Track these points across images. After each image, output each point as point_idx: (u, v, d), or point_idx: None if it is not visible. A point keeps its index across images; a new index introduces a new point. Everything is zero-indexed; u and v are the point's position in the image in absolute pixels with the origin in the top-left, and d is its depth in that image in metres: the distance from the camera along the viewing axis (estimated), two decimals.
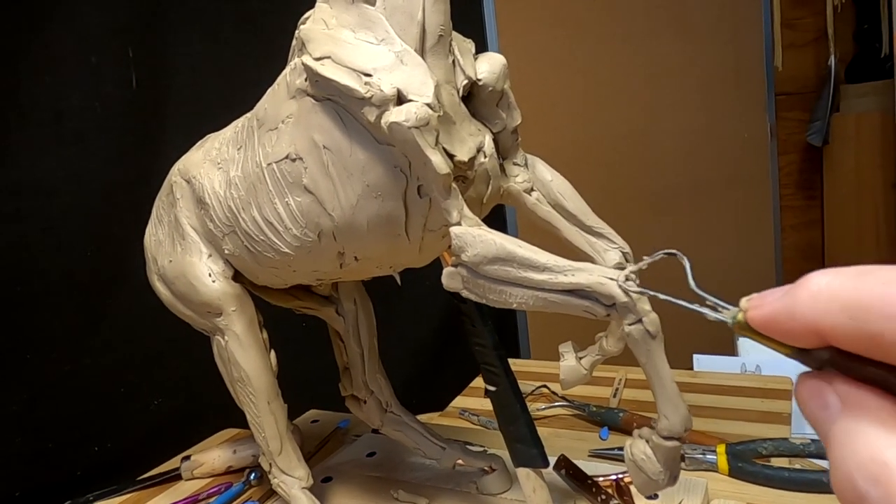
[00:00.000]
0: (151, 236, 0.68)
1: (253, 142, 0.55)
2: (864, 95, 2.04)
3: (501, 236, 0.45)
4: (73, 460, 1.02)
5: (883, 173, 1.98)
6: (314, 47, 0.48)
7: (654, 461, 0.44)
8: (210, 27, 1.19)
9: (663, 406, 0.43)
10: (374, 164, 0.47)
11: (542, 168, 0.58)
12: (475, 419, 0.94)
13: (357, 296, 0.72)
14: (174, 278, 0.64)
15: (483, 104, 0.53)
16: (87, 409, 1.04)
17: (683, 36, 1.90)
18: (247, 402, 0.64)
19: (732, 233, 2.00)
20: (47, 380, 1.00)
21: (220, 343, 0.63)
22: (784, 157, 2.16)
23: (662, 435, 0.43)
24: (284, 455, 0.65)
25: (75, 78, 1.03)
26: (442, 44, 0.48)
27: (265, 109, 0.55)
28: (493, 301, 0.46)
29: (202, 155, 0.63)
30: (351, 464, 0.78)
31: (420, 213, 0.49)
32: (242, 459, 0.80)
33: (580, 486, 0.66)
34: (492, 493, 0.68)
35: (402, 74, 0.46)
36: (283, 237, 0.54)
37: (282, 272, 0.59)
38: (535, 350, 1.80)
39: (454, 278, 0.47)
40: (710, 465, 0.70)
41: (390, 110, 0.45)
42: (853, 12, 2.11)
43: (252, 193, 0.55)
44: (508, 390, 0.58)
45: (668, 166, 1.92)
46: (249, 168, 0.55)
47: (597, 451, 0.78)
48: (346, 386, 0.73)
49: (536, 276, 0.43)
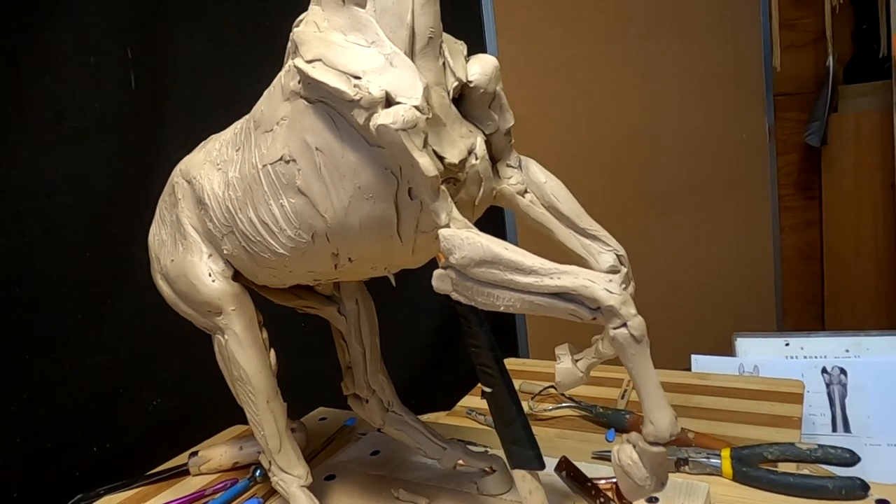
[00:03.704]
0: (155, 236, 0.69)
1: (250, 143, 0.56)
2: (862, 96, 2.04)
3: (489, 238, 0.45)
4: (73, 460, 1.02)
5: (882, 173, 1.98)
6: (306, 50, 0.49)
7: (640, 467, 0.43)
8: (210, 27, 1.19)
9: (649, 411, 0.42)
10: (365, 166, 0.48)
11: (536, 170, 0.58)
12: (482, 419, 0.94)
13: (359, 295, 0.73)
14: (176, 277, 0.64)
15: (475, 106, 0.53)
16: (87, 409, 1.04)
17: (683, 36, 1.90)
18: (246, 400, 0.64)
19: (731, 233, 2.01)
20: (47, 380, 1.00)
21: (220, 342, 0.64)
22: (783, 158, 2.16)
23: (648, 440, 0.43)
24: (283, 453, 0.66)
25: (75, 78, 1.03)
26: (432, 46, 0.49)
27: (261, 111, 0.55)
28: (482, 304, 0.46)
29: (203, 156, 0.63)
30: (354, 462, 0.78)
31: (412, 214, 0.49)
32: (248, 456, 0.81)
33: (580, 489, 0.66)
34: (492, 494, 0.68)
35: (391, 77, 0.46)
36: (279, 238, 0.55)
37: (279, 272, 0.59)
38: (534, 350, 1.80)
39: (444, 280, 0.48)
40: (714, 469, 0.70)
41: (378, 113, 0.45)
42: (851, 13, 2.11)
43: (249, 194, 0.56)
44: (504, 392, 0.58)
45: (666, 167, 1.92)
46: (246, 169, 0.56)
47: (600, 452, 0.77)
48: (349, 385, 0.74)
49: (522, 278, 0.43)
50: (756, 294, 2.05)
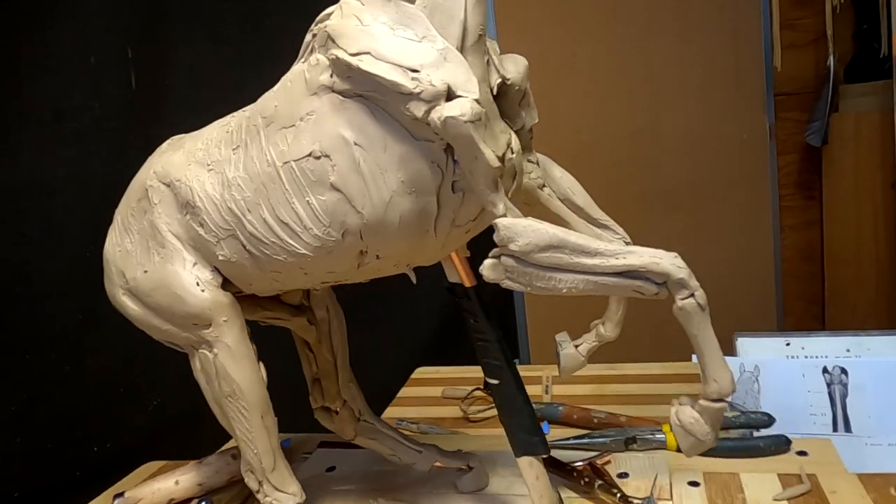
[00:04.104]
0: (116, 247, 0.63)
1: (258, 141, 0.54)
2: (863, 95, 2.04)
3: (549, 225, 0.47)
4: (73, 460, 1.02)
5: (882, 173, 1.98)
6: (348, 43, 0.48)
7: (702, 423, 0.48)
8: (210, 27, 1.19)
9: (713, 371, 0.47)
10: (410, 159, 0.48)
11: (551, 165, 0.61)
12: (414, 427, 0.92)
13: (329, 303, 0.70)
14: (151, 290, 0.60)
15: (508, 103, 0.54)
16: (87, 409, 1.04)
17: (683, 36, 1.90)
18: (238, 417, 0.60)
19: (731, 233, 2.00)
20: (47, 380, 1.00)
21: (205, 357, 0.60)
22: (783, 158, 2.16)
23: (712, 398, 0.47)
24: (277, 471, 0.62)
25: (75, 78, 1.03)
26: (480, 43, 0.49)
27: (275, 107, 0.53)
28: (540, 289, 0.47)
29: (184, 157, 0.60)
30: (315, 481, 0.74)
31: (451, 208, 0.50)
32: (187, 490, 0.74)
33: (562, 473, 0.68)
34: (471, 491, 0.68)
35: (447, 71, 0.46)
36: (301, 238, 0.53)
37: (285, 276, 0.57)
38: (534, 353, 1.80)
39: (496, 269, 0.48)
40: (659, 444, 0.77)
41: (442, 105, 0.45)
42: (852, 13, 2.11)
43: (262, 194, 0.53)
44: (511, 382, 0.59)
45: (667, 166, 1.92)
46: (257, 168, 0.54)
47: (554, 442, 0.79)
48: (317, 398, 0.71)
49: (589, 260, 0.45)
50: (756, 294, 2.04)
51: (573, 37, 1.80)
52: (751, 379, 1.07)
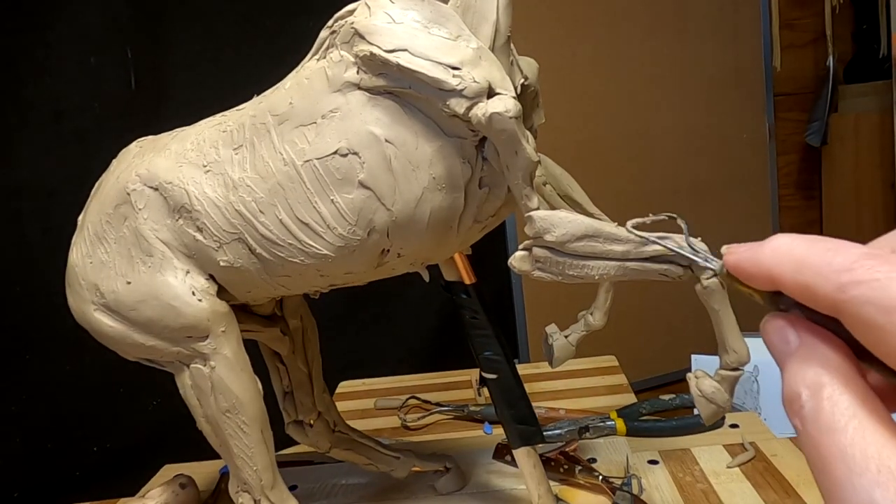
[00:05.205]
0: (86, 258, 0.59)
1: (269, 140, 0.52)
2: (862, 96, 2.04)
3: (583, 216, 0.49)
4: (73, 460, 1.02)
5: (881, 173, 1.98)
6: (382, 40, 0.48)
7: (722, 392, 0.51)
8: (210, 27, 1.19)
9: (733, 342, 0.50)
10: (442, 156, 0.49)
11: (551, 163, 0.62)
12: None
13: (303, 312, 0.67)
14: (136, 303, 0.55)
15: (525, 104, 0.55)
16: (87, 409, 1.04)
17: (683, 36, 1.91)
18: (237, 434, 0.56)
19: (731, 233, 2.00)
20: (47, 380, 1.00)
21: (198, 372, 0.56)
22: (783, 158, 2.16)
23: (731, 367, 0.50)
24: (277, 489, 0.58)
25: (75, 78, 1.03)
26: (507, 44, 0.51)
27: (290, 105, 0.52)
28: (572, 277, 0.49)
29: (172, 158, 0.56)
30: None
31: (476, 203, 0.51)
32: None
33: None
34: (450, 492, 0.69)
35: (485, 70, 0.47)
36: (323, 238, 0.51)
37: (295, 280, 0.55)
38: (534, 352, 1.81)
39: (525, 261, 0.49)
40: (610, 430, 0.81)
41: (484, 102, 0.46)
42: (852, 13, 2.11)
43: (278, 194, 0.51)
44: (510, 375, 0.61)
45: (667, 166, 1.92)
46: (270, 168, 0.52)
47: None
48: (290, 411, 0.68)
49: (620, 247, 0.48)
50: None
51: (573, 37, 1.80)
52: (750, 379, 1.07)
